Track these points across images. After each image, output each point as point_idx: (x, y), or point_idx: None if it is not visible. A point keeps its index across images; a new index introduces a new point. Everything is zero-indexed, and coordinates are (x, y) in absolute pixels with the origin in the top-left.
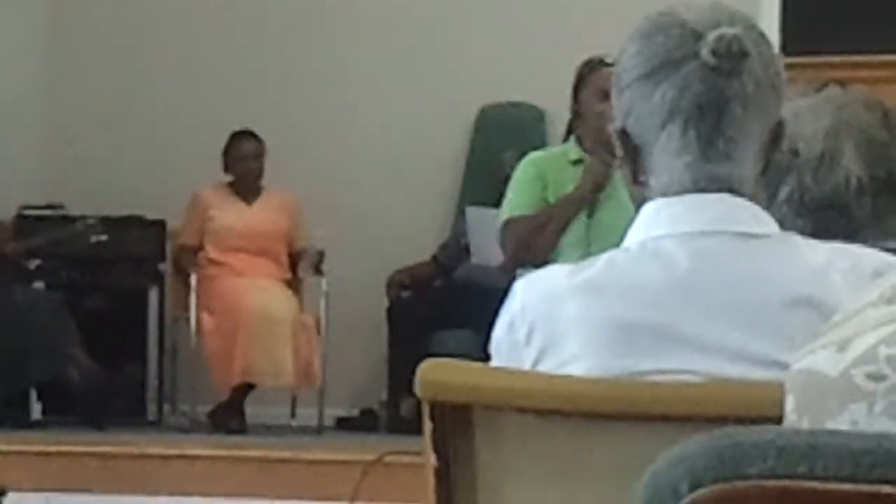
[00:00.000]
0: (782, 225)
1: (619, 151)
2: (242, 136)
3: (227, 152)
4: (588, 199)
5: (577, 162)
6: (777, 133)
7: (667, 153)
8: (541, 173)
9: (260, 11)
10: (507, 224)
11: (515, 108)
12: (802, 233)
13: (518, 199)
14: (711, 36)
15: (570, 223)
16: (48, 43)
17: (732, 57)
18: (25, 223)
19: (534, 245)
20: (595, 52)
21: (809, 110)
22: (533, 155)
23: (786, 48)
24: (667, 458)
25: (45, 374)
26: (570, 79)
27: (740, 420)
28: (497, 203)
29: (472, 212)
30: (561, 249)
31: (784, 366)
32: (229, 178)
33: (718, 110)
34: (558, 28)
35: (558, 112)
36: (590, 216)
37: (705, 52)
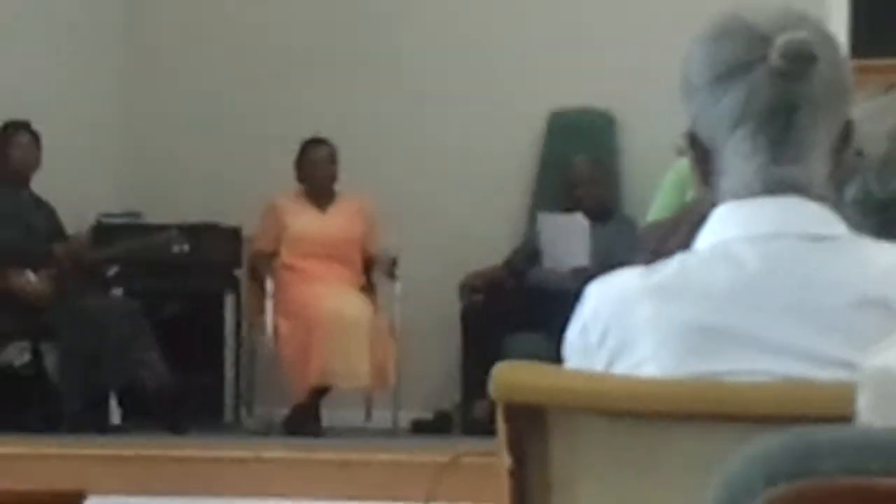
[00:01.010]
0: (849, 225)
1: (688, 154)
2: (314, 144)
3: (299, 160)
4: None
5: None
6: (846, 134)
7: (736, 157)
8: (682, 179)
9: (331, 20)
10: (646, 228)
11: (586, 114)
12: (868, 233)
13: (659, 204)
14: (780, 40)
15: (697, 228)
16: (124, 54)
17: (801, 61)
18: (103, 231)
19: (667, 248)
20: (665, 56)
21: (875, 112)
22: (679, 161)
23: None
24: (742, 456)
25: (123, 380)
26: (641, 83)
27: (812, 420)
28: (567, 207)
29: (545, 217)
30: None
31: (854, 367)
32: (303, 185)
33: (788, 114)
34: (629, 33)
35: (628, 117)
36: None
37: (774, 57)
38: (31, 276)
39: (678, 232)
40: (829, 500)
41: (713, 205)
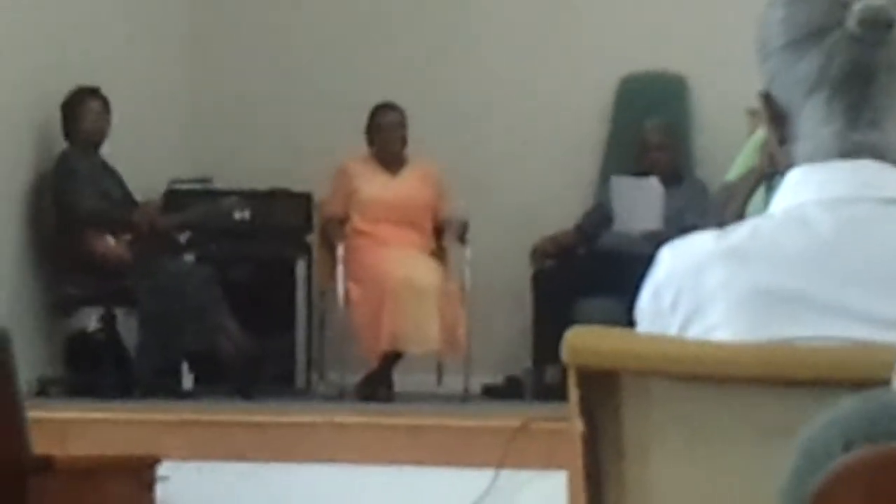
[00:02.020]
0: None
1: (763, 115)
2: (384, 108)
3: (369, 125)
4: (763, 171)
5: None
6: None
7: (812, 121)
8: (759, 144)
9: None
10: (717, 189)
11: (657, 77)
12: None
13: (740, 162)
14: (857, 6)
15: (752, 194)
16: (193, 20)
17: (878, 27)
18: (175, 198)
19: (727, 212)
20: (736, 19)
21: None
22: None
23: None
24: (818, 421)
25: (197, 345)
26: (712, 46)
27: (885, 384)
28: (638, 172)
29: (618, 180)
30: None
31: None
32: (374, 150)
33: (864, 80)
34: None
35: (700, 80)
36: (769, 189)
37: (851, 23)
38: (110, 240)
39: (734, 199)
40: None
41: (788, 167)
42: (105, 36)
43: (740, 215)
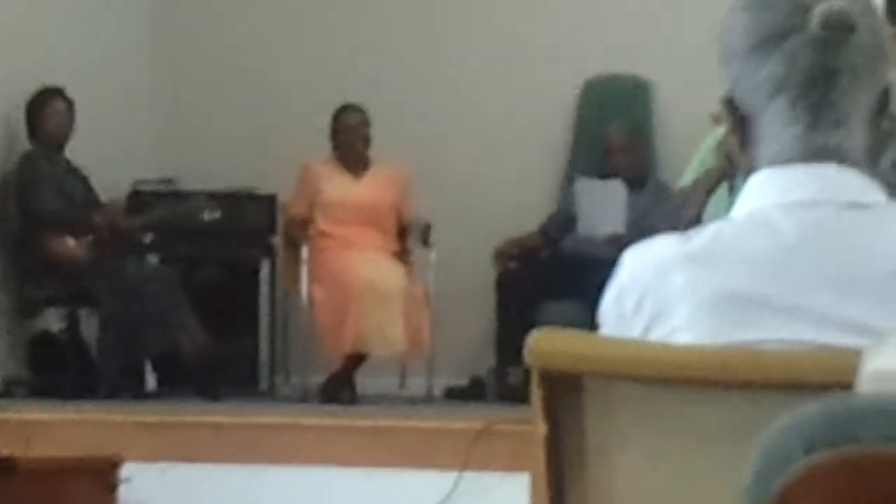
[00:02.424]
0: (892, 190)
1: (725, 120)
2: (347, 109)
3: (333, 126)
4: (722, 172)
5: None
6: (883, 101)
7: (775, 124)
8: (714, 146)
9: None
10: (676, 193)
11: (620, 80)
12: None
13: (695, 167)
14: (819, 8)
15: (710, 195)
16: (157, 20)
17: (841, 29)
18: (139, 198)
19: (684, 214)
20: (700, 22)
21: None
22: (718, 128)
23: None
24: (780, 424)
25: (160, 346)
26: (676, 50)
27: (848, 388)
28: (602, 174)
29: (581, 183)
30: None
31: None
32: (337, 152)
33: (827, 81)
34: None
35: (664, 83)
36: (731, 191)
37: (814, 25)
38: (70, 242)
39: (692, 200)
40: (871, 467)
41: (750, 172)
42: (69, 36)
43: (699, 217)
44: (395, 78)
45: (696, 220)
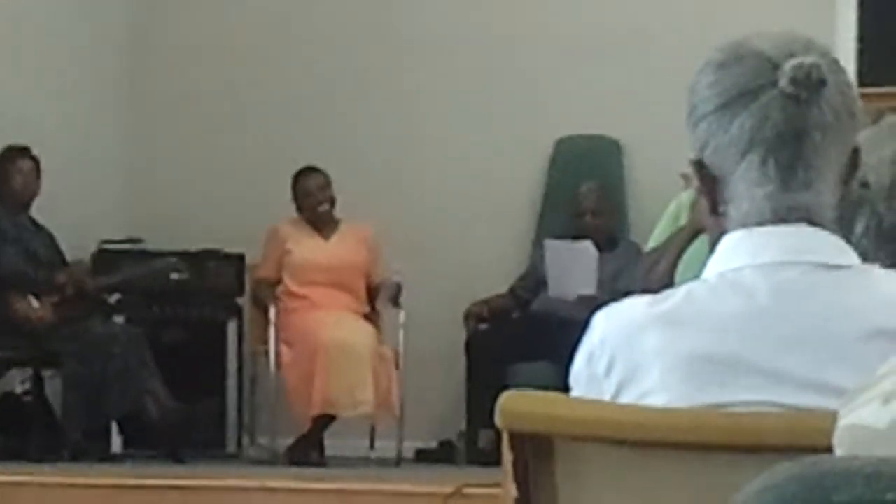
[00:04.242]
0: (865, 258)
1: (695, 183)
2: (306, 172)
3: (294, 189)
4: (695, 229)
5: None
6: (854, 160)
7: (746, 183)
8: (679, 209)
9: (333, 49)
10: (643, 257)
11: (592, 140)
12: (883, 263)
13: (657, 233)
14: (789, 65)
15: (682, 253)
16: (126, 82)
17: (811, 85)
18: (105, 258)
19: (654, 275)
20: (671, 83)
21: (871, 141)
22: (684, 192)
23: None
24: (754, 486)
25: (125, 408)
26: (647, 110)
27: (822, 451)
28: (572, 235)
29: (551, 244)
30: (683, 278)
31: None
32: (302, 214)
33: (798, 139)
34: (634, 60)
35: (635, 143)
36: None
37: (784, 81)
38: (34, 302)
39: (664, 259)
40: None
41: (721, 234)
42: (36, 94)
43: (671, 273)
44: (364, 137)
45: (667, 278)
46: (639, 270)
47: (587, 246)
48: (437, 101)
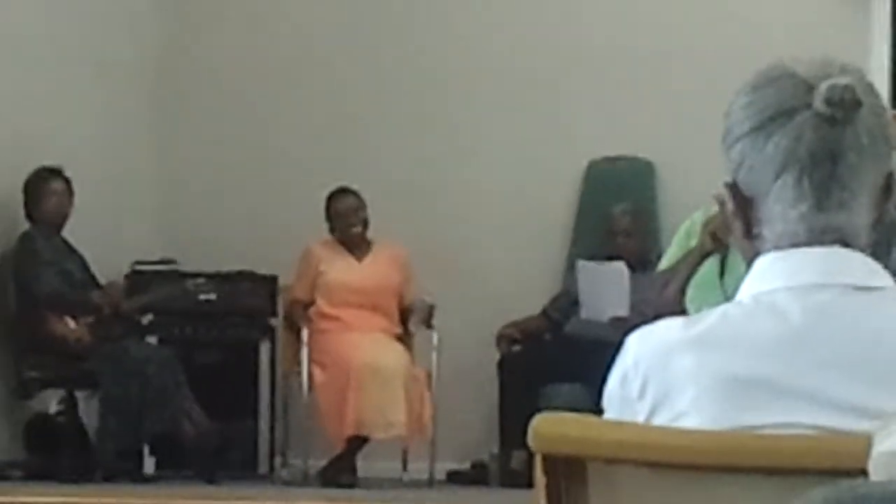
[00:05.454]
0: None
1: (729, 205)
2: (340, 193)
3: (327, 211)
4: (706, 250)
5: None
6: (889, 184)
7: (780, 203)
8: (693, 227)
9: (369, 69)
10: (655, 276)
11: (624, 162)
12: None
13: (669, 253)
14: (824, 86)
15: (691, 275)
16: (158, 101)
17: (846, 106)
18: (139, 279)
19: (663, 298)
20: (705, 104)
21: None
22: (697, 211)
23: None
24: None
25: (159, 429)
26: (680, 132)
27: (857, 473)
28: (605, 257)
29: (584, 266)
30: (693, 299)
31: None
32: (335, 235)
33: (833, 159)
34: (666, 82)
35: (667, 165)
36: (721, 273)
37: (818, 102)
38: (70, 322)
39: (674, 280)
40: None
41: (756, 255)
42: (69, 115)
43: (680, 298)
44: (397, 159)
45: (677, 300)
46: (650, 292)
47: (620, 267)
48: (469, 123)
